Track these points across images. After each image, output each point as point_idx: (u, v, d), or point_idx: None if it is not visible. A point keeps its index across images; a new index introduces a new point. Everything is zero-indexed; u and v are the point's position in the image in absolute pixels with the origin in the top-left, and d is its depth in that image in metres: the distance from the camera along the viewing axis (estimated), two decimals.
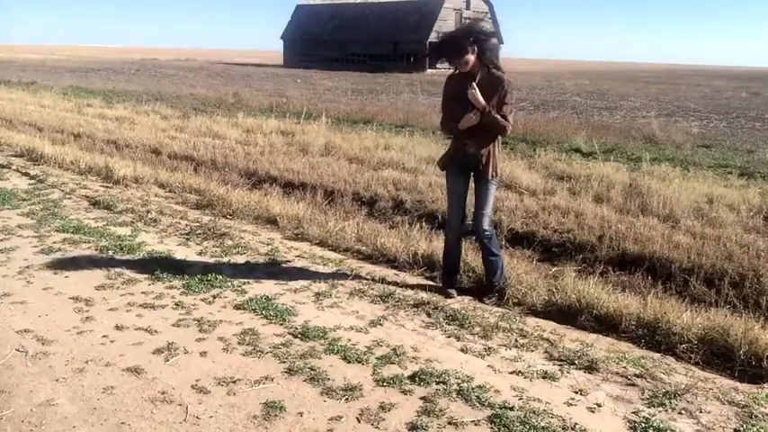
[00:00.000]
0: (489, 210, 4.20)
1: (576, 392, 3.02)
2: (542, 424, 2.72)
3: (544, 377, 3.15)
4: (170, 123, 12.46)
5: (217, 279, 4.34)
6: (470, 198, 4.27)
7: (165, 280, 4.33)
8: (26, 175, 7.66)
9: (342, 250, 5.13)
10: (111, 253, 4.84)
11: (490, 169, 4.08)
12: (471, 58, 3.94)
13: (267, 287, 4.26)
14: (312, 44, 51.94)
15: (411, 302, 4.03)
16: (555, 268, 4.77)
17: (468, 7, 49.82)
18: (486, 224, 4.17)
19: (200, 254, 4.92)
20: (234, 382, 3.03)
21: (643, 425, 2.74)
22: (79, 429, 2.65)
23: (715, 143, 11.72)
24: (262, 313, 3.81)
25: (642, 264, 4.77)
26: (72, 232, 5.30)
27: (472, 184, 4.22)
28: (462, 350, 3.43)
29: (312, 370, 3.14)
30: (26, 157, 8.83)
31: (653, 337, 3.62)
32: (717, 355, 3.43)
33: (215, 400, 2.88)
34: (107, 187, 7.16)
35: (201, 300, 4.02)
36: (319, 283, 4.35)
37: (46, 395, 2.89)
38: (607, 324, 3.80)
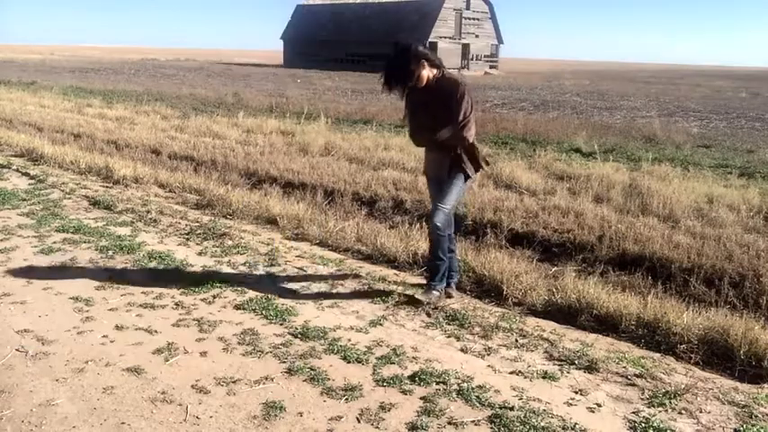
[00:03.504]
0: (447, 206, 3.95)
1: (576, 392, 3.02)
2: (542, 424, 2.72)
3: (544, 377, 3.15)
4: (170, 123, 12.46)
5: (217, 279, 4.34)
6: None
7: (165, 280, 4.33)
8: (26, 175, 7.66)
9: (342, 250, 5.13)
10: (111, 253, 4.84)
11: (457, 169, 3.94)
12: (423, 72, 3.83)
13: (267, 287, 4.26)
14: (312, 44, 51.89)
15: (411, 302, 4.02)
16: (555, 268, 4.77)
17: (468, 7, 49.79)
18: (439, 220, 3.93)
19: (200, 254, 4.92)
20: (234, 382, 3.03)
21: (643, 425, 2.74)
22: (79, 429, 2.65)
23: (715, 143, 11.72)
24: (262, 313, 3.81)
25: (642, 264, 4.77)
26: (72, 232, 5.31)
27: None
28: (462, 350, 3.43)
29: (312, 370, 3.14)
30: (26, 157, 8.84)
31: (653, 337, 3.62)
32: (717, 355, 3.43)
33: (215, 400, 2.88)
34: (107, 187, 7.16)
35: (201, 300, 4.02)
36: (319, 283, 4.35)
37: (46, 395, 2.89)
38: (607, 324, 3.80)
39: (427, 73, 3.85)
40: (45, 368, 3.13)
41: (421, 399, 2.91)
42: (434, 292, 4.02)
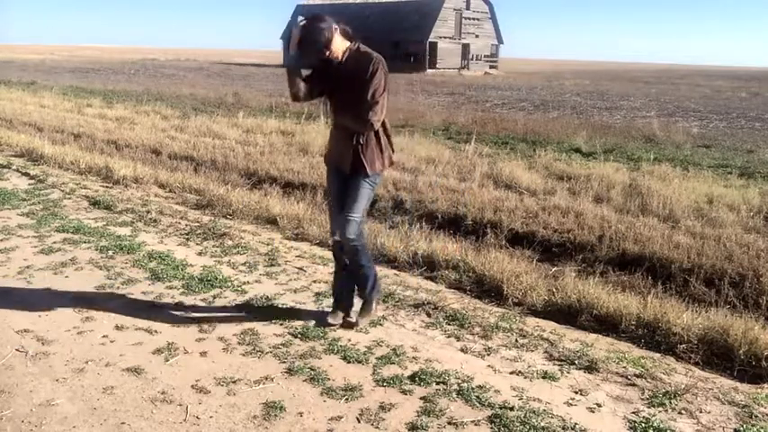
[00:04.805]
0: (358, 214, 3.43)
1: (576, 392, 3.02)
2: (542, 424, 2.72)
3: (544, 377, 3.15)
4: (170, 123, 12.46)
5: (217, 279, 4.34)
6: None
7: (165, 280, 4.33)
8: (26, 175, 7.65)
9: None
10: (111, 253, 4.84)
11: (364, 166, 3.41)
12: (337, 42, 3.30)
13: (267, 287, 4.26)
14: None
15: (411, 302, 4.03)
16: (555, 268, 4.77)
17: (468, 7, 49.82)
18: (351, 232, 3.43)
19: (200, 254, 4.92)
20: (234, 382, 3.03)
21: (643, 425, 2.74)
22: (79, 429, 2.65)
23: (715, 143, 11.73)
24: (262, 313, 3.81)
25: (642, 264, 4.77)
26: (72, 232, 5.30)
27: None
28: (462, 350, 3.43)
29: (312, 370, 3.14)
30: (26, 157, 8.83)
31: (653, 337, 3.62)
32: (717, 355, 3.43)
33: (215, 400, 2.88)
34: (107, 187, 7.16)
35: (201, 300, 4.02)
36: (319, 283, 4.35)
37: (46, 395, 2.89)
38: (607, 324, 3.80)
39: (341, 45, 3.34)
40: (45, 368, 3.13)
41: (421, 399, 2.91)
42: (372, 304, 3.71)
